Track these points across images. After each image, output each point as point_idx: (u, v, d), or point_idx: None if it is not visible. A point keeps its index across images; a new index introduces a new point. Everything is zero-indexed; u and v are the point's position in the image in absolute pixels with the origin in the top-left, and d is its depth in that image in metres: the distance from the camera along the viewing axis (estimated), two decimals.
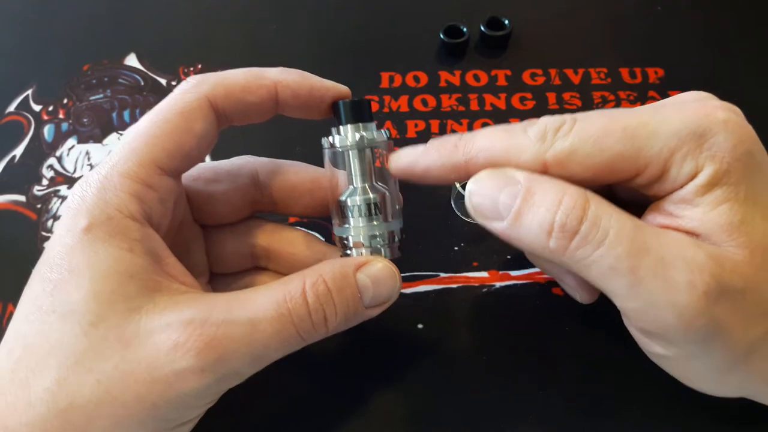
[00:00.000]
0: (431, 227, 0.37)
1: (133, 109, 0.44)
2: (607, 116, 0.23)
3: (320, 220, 0.37)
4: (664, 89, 0.43)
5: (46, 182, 0.41)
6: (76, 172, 0.41)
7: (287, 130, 0.40)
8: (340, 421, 0.31)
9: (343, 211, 0.27)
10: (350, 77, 0.44)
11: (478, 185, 0.24)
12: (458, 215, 0.38)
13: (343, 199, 0.27)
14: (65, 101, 0.45)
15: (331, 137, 0.27)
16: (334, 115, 0.28)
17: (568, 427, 0.30)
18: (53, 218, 0.39)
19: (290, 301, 0.23)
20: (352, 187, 0.27)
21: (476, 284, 0.35)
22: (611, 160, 0.23)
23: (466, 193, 0.25)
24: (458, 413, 0.31)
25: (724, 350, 0.23)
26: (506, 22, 0.45)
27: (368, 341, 0.33)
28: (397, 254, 0.27)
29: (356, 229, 0.27)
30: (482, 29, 0.45)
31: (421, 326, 0.33)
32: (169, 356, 0.22)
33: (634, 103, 0.43)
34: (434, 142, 0.26)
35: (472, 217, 0.25)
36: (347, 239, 0.27)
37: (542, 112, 0.25)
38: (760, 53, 0.45)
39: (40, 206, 0.40)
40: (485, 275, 0.35)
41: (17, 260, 0.37)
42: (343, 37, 0.47)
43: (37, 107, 0.44)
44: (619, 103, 0.43)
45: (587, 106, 0.43)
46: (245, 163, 0.31)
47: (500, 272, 0.35)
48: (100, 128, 0.43)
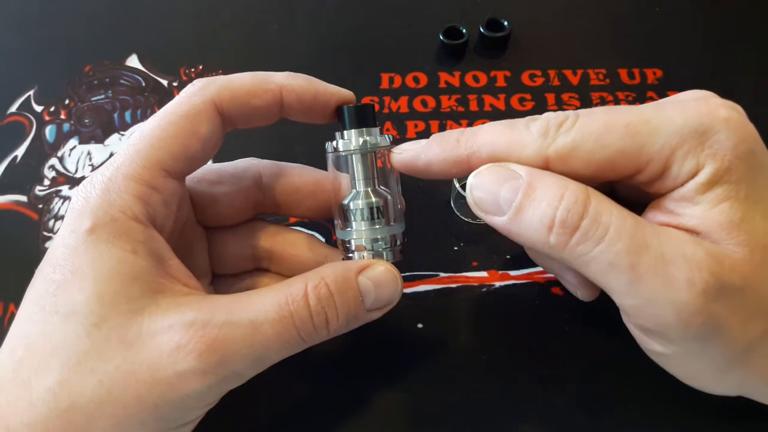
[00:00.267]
0: (431, 227, 0.37)
1: (134, 109, 0.44)
2: (609, 113, 0.23)
3: (321, 220, 0.37)
4: (662, 90, 0.44)
5: (47, 182, 0.41)
6: (77, 172, 0.41)
7: (288, 129, 0.40)
8: (340, 421, 0.31)
9: (345, 214, 0.27)
10: (350, 78, 0.45)
11: (479, 179, 0.24)
12: (458, 215, 0.38)
13: (345, 202, 0.27)
14: (67, 102, 0.45)
15: (334, 141, 0.27)
16: (338, 119, 0.28)
17: (568, 427, 0.30)
18: (55, 218, 0.39)
19: (292, 303, 0.23)
20: (354, 190, 0.27)
21: (476, 284, 0.35)
22: (613, 156, 0.23)
23: (467, 187, 0.25)
24: (458, 413, 0.31)
25: (722, 348, 0.23)
26: (505, 23, 0.45)
27: (368, 341, 0.33)
28: (398, 258, 0.27)
29: (358, 232, 0.27)
30: (481, 30, 0.45)
31: (421, 326, 0.33)
32: (171, 358, 0.22)
33: (632, 103, 0.43)
34: (436, 136, 0.26)
35: (473, 214, 0.25)
36: (349, 242, 0.27)
37: (541, 112, 0.25)
38: (759, 54, 0.46)
39: (41, 206, 0.40)
40: (485, 275, 0.35)
41: (19, 260, 0.37)
42: (343, 37, 0.47)
43: (38, 108, 0.44)
44: (617, 103, 0.43)
45: (586, 106, 0.42)
46: (249, 165, 0.31)
47: (500, 272, 0.35)
48: (101, 129, 0.43)
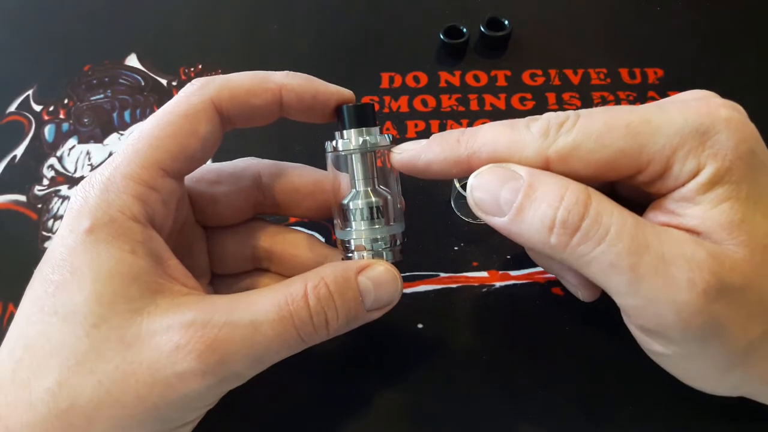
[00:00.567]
0: (431, 227, 0.37)
1: (133, 109, 0.44)
2: (610, 113, 0.23)
3: (321, 220, 0.37)
4: (663, 89, 0.43)
5: (46, 182, 0.41)
6: (76, 172, 0.41)
7: (287, 128, 0.40)
8: (340, 421, 0.31)
9: (345, 214, 0.27)
10: (350, 77, 0.44)
11: (479, 180, 0.24)
12: (458, 215, 0.38)
13: (345, 202, 0.27)
14: (66, 101, 0.45)
15: (334, 141, 0.27)
16: (337, 119, 0.28)
17: (568, 427, 0.30)
18: (54, 218, 0.39)
19: (292, 303, 0.23)
20: (354, 190, 0.27)
21: (476, 284, 0.35)
22: (614, 156, 0.23)
23: (467, 187, 0.25)
24: (458, 413, 0.31)
25: (723, 348, 0.23)
26: (506, 22, 0.45)
27: (368, 341, 0.33)
28: (398, 258, 0.27)
29: (358, 232, 0.27)
30: (482, 30, 0.45)
31: (421, 326, 0.33)
32: (170, 358, 0.22)
33: (633, 103, 0.43)
34: (437, 136, 0.26)
35: (473, 214, 0.25)
36: (349, 242, 0.27)
37: (542, 112, 0.25)
38: (759, 54, 0.46)
39: (40, 206, 0.40)
40: (485, 275, 0.35)
41: (18, 260, 0.37)
42: (343, 37, 0.47)
43: (37, 107, 0.44)
44: (618, 103, 0.43)
45: (587, 106, 0.42)
46: (248, 165, 0.31)
47: (500, 272, 0.35)
48: (100, 128, 0.43)
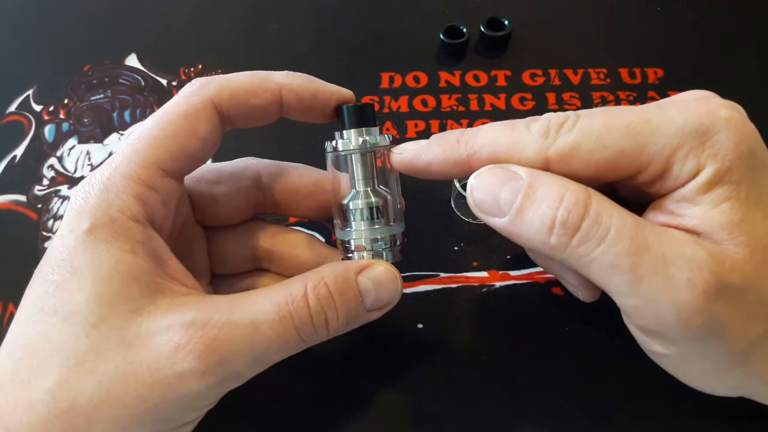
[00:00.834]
0: (431, 227, 0.37)
1: (133, 109, 0.44)
2: (609, 113, 0.23)
3: (321, 220, 0.37)
4: (663, 89, 0.43)
5: (46, 182, 0.41)
6: (76, 172, 0.41)
7: (288, 129, 0.40)
8: (339, 421, 0.31)
9: (345, 214, 0.27)
10: (350, 77, 0.44)
11: (479, 181, 0.24)
12: (458, 215, 0.38)
13: (345, 202, 0.27)
14: (66, 101, 0.45)
15: (334, 141, 0.27)
16: (337, 119, 0.28)
17: (568, 427, 0.30)
18: (54, 218, 0.39)
19: (292, 303, 0.23)
20: (354, 190, 0.27)
21: (476, 284, 0.35)
22: (614, 156, 0.23)
23: (467, 188, 0.25)
24: (458, 413, 0.31)
25: (723, 349, 0.23)
26: (506, 22, 0.45)
27: (368, 341, 0.33)
28: (398, 258, 0.27)
29: (358, 232, 0.27)
30: (482, 30, 0.45)
31: (421, 326, 0.33)
32: (170, 358, 0.22)
33: (633, 103, 0.43)
34: (437, 136, 0.26)
35: (473, 214, 0.25)
36: (349, 242, 0.27)
37: (542, 112, 0.25)
38: (759, 54, 0.46)
39: (40, 206, 0.40)
40: (485, 275, 0.35)
41: (18, 260, 0.37)
42: (343, 37, 0.47)
43: (37, 107, 0.44)
44: (618, 103, 0.43)
45: (587, 106, 0.42)
46: (248, 165, 0.31)
47: (500, 272, 0.35)
48: (100, 128, 0.43)
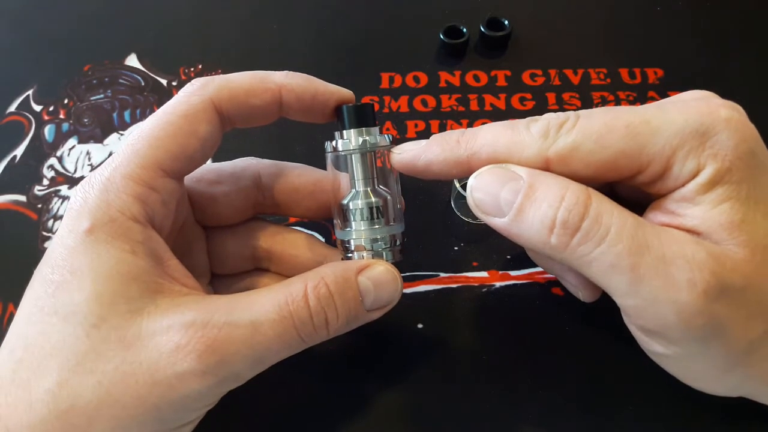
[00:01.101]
0: (431, 227, 0.37)
1: (133, 109, 0.44)
2: (610, 113, 0.23)
3: (321, 220, 0.37)
4: (663, 90, 0.43)
5: (46, 182, 0.41)
6: (76, 172, 0.41)
7: (288, 128, 0.40)
8: (339, 421, 0.31)
9: (345, 214, 0.27)
10: (350, 77, 0.44)
11: (479, 181, 0.24)
12: (458, 215, 0.38)
13: (345, 202, 0.27)
14: (66, 101, 0.45)
15: (334, 141, 0.27)
16: (337, 119, 0.28)
17: (568, 427, 0.30)
18: (54, 218, 0.39)
19: (292, 303, 0.23)
20: (354, 190, 0.27)
21: (476, 284, 0.35)
22: (614, 157, 0.23)
23: (467, 188, 0.25)
24: (458, 413, 0.31)
25: (723, 349, 0.23)
26: (506, 22, 0.45)
27: (368, 341, 0.33)
28: (398, 258, 0.27)
29: (358, 232, 0.27)
30: (482, 30, 0.45)
31: (421, 326, 0.33)
32: (170, 358, 0.22)
33: (633, 103, 0.43)
34: (437, 137, 0.26)
35: (473, 214, 0.25)
36: (349, 242, 0.27)
37: (542, 112, 0.25)
38: (760, 54, 0.46)
39: (40, 206, 0.40)
40: (485, 275, 0.35)
41: (18, 260, 0.37)
42: (343, 37, 0.47)
43: (37, 107, 0.44)
44: (618, 103, 0.43)
45: (587, 106, 0.43)
46: (248, 165, 0.31)
47: (500, 272, 0.35)
48: (100, 128, 0.43)
